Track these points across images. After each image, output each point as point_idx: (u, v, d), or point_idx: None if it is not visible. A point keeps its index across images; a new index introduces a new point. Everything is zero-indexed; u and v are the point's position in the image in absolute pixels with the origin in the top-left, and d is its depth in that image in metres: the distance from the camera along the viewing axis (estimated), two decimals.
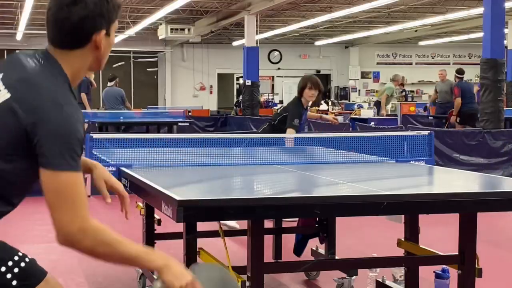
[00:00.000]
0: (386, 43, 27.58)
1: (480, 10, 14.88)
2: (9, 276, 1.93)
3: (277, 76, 27.56)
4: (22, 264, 1.97)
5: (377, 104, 17.19)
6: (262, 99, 21.82)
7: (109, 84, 14.83)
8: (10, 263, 1.95)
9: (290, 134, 6.51)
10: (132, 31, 22.02)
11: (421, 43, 27.84)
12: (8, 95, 1.93)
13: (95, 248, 1.92)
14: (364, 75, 28.98)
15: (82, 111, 10.35)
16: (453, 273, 3.95)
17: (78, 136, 1.91)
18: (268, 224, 5.16)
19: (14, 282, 1.93)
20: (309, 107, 7.08)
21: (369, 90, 28.75)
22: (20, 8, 17.85)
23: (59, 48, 2.05)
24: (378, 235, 6.37)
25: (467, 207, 3.32)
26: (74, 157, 1.91)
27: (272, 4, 16.35)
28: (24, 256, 2.01)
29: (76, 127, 1.92)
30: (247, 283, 3.22)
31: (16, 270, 1.95)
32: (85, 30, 2.04)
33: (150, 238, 4.77)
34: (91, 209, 1.99)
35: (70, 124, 1.90)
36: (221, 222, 3.78)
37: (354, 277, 4.60)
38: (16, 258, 1.97)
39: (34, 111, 1.89)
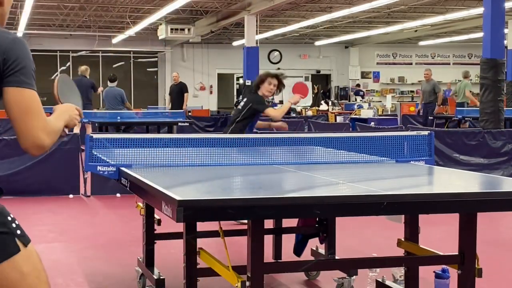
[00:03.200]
0: (386, 43, 27.59)
1: (480, 10, 14.88)
2: (14, 225, 2.14)
3: None
4: (17, 221, 2.18)
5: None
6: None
7: (110, 84, 14.81)
8: (11, 215, 2.16)
9: (274, 112, 7.19)
10: (132, 31, 22.03)
11: (421, 43, 27.86)
12: None
13: (52, 140, 2.23)
14: (364, 75, 28.99)
15: (87, 111, 10.27)
16: (453, 273, 3.95)
17: (33, 63, 2.22)
18: (268, 224, 5.16)
19: (18, 232, 2.14)
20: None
21: (369, 90, 28.76)
22: (20, 8, 17.85)
23: None
24: (378, 235, 6.37)
25: (467, 207, 3.32)
26: (34, 79, 2.20)
27: (272, 4, 16.36)
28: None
29: (31, 56, 2.22)
30: (247, 283, 3.22)
31: (16, 222, 2.16)
32: None
33: (150, 238, 4.76)
34: (92, 209, 2.03)
35: (29, 53, 2.20)
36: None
37: (354, 277, 4.60)
38: (11, 215, 2.17)
39: (3, 45, 2.14)
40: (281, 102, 23.66)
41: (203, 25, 21.22)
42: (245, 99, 7.35)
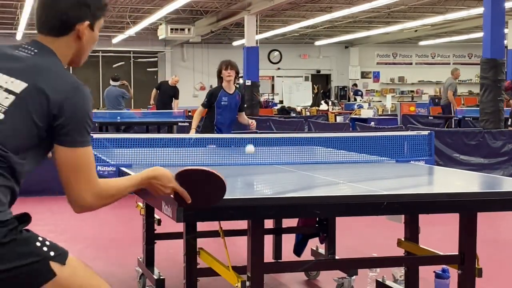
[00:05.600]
0: (386, 43, 27.59)
1: (480, 10, 14.87)
2: (45, 248, 2.04)
3: (277, 76, 27.55)
4: (48, 241, 2.08)
5: None
6: (262, 99, 21.81)
7: (112, 83, 14.78)
8: (40, 238, 2.06)
9: (195, 114, 7.69)
10: (132, 31, 22.03)
11: (421, 43, 27.86)
12: (24, 84, 2.04)
13: (105, 203, 2.21)
14: (364, 75, 28.99)
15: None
16: (453, 273, 3.95)
17: (91, 114, 2.13)
18: (268, 224, 5.16)
19: (52, 253, 2.04)
20: (238, 96, 7.55)
21: (369, 90, 28.77)
22: (20, 8, 17.85)
23: (46, 35, 2.19)
24: (378, 235, 6.37)
25: (467, 207, 3.32)
26: (89, 132, 2.12)
27: (272, 4, 16.36)
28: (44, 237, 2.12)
29: (90, 105, 2.13)
30: (247, 283, 3.22)
31: (47, 243, 2.06)
32: (70, 18, 2.17)
33: (150, 238, 4.76)
34: None
35: (88, 104, 2.10)
36: None
37: (354, 277, 4.60)
38: (41, 237, 2.08)
39: (59, 96, 2.03)
40: (281, 102, 23.69)
41: (203, 25, 21.21)
42: None
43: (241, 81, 18.03)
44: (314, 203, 3.06)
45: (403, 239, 4.33)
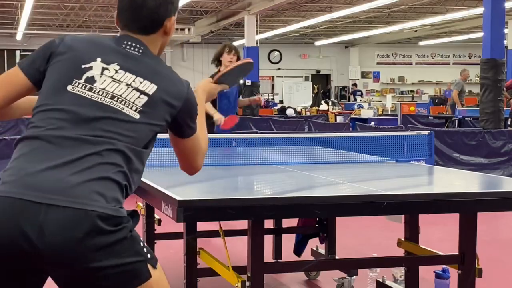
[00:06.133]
0: (386, 43, 27.59)
1: (480, 10, 14.89)
2: (145, 250, 2.12)
3: (277, 76, 27.56)
4: (144, 243, 2.15)
5: None
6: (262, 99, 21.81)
7: None
8: (141, 238, 2.15)
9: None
10: None
11: (421, 43, 27.87)
12: (154, 87, 2.18)
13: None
14: (364, 75, 28.99)
15: None
16: (453, 273, 3.95)
17: None
18: (268, 224, 5.16)
19: (149, 255, 2.12)
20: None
21: (369, 90, 28.77)
22: (20, 8, 17.85)
23: (136, 33, 2.26)
24: (378, 235, 6.36)
25: (467, 207, 3.32)
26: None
27: (272, 4, 16.37)
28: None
29: None
30: (247, 283, 3.22)
31: (145, 244, 2.14)
32: (160, 16, 2.26)
33: (150, 238, 4.76)
34: None
35: (195, 97, 2.33)
36: None
37: (354, 277, 4.60)
38: (141, 239, 2.15)
39: (180, 99, 2.22)
40: (281, 102, 23.69)
41: (203, 25, 21.21)
42: None
43: (241, 81, 18.01)
44: (314, 203, 3.06)
45: (403, 239, 4.33)
